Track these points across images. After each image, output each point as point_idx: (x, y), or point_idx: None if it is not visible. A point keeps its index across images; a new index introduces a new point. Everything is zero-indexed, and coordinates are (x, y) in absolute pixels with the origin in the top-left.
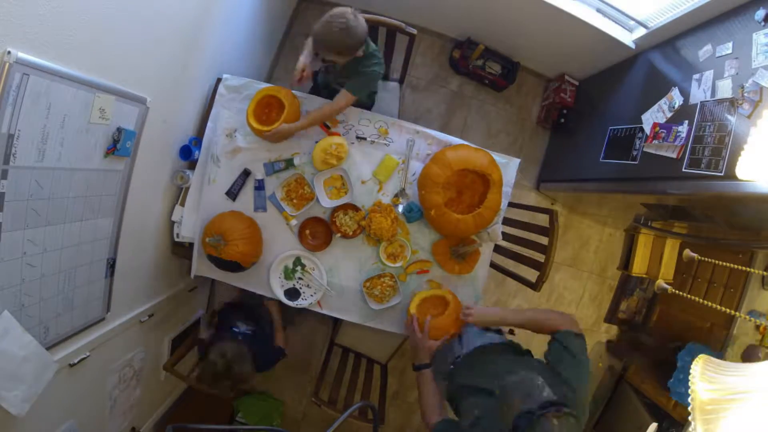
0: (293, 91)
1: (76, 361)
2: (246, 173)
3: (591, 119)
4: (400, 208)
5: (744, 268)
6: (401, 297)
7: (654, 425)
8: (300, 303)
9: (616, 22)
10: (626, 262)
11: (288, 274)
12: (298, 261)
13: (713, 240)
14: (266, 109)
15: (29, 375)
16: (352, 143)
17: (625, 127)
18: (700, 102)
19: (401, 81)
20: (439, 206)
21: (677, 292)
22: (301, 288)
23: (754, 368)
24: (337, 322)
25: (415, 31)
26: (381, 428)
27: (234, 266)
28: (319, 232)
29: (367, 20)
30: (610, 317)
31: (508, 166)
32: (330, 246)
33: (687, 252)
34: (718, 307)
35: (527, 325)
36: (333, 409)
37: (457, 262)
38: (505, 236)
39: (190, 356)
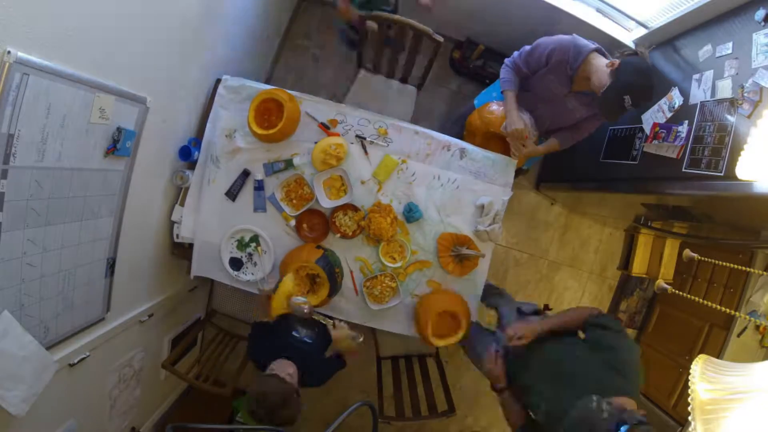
0: (290, 92)
1: (75, 361)
2: (245, 173)
3: None
4: (400, 208)
5: (744, 268)
6: (401, 298)
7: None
8: (240, 276)
9: (616, 22)
10: (626, 262)
11: (241, 245)
12: (255, 238)
13: (713, 240)
14: (265, 114)
15: (29, 375)
16: (352, 143)
17: (624, 127)
18: (700, 102)
19: (419, 87)
20: (482, 134)
21: (677, 292)
22: (245, 263)
23: (754, 368)
24: (374, 339)
25: (441, 39)
26: (451, 417)
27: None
28: (316, 224)
29: (394, 22)
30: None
31: (508, 166)
32: (327, 239)
33: (687, 252)
34: (718, 307)
35: (560, 328)
36: (417, 419)
37: (456, 262)
38: None
39: (189, 356)
